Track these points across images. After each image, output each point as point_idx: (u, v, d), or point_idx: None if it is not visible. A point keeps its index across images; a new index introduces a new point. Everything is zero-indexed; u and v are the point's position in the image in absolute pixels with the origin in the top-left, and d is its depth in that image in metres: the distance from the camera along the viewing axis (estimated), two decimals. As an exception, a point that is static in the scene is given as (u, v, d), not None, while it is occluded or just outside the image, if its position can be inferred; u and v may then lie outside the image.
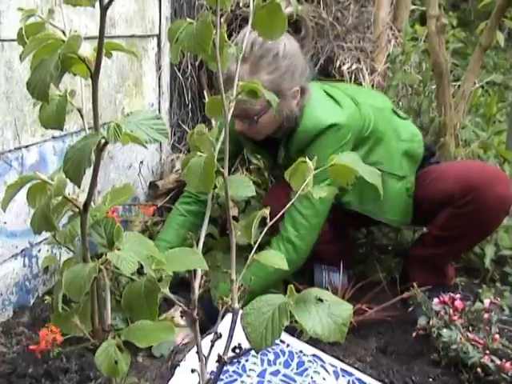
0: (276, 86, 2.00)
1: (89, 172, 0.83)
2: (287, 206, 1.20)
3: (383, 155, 2.25)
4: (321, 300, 0.90)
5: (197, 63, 3.32)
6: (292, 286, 0.91)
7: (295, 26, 3.26)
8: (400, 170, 2.29)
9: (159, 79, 3.15)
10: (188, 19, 0.99)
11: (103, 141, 0.80)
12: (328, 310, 0.89)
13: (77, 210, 0.92)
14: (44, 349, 1.85)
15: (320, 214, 2.15)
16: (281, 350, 1.93)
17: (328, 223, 2.31)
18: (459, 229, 2.20)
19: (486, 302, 2.11)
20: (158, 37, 3.09)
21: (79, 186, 0.81)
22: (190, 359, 1.82)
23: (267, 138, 2.21)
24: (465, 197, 2.15)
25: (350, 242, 2.71)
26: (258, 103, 2.01)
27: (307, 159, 1.21)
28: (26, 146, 2.17)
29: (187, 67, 3.31)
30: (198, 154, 1.04)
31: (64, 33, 0.90)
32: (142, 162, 3.03)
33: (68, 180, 0.86)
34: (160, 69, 3.13)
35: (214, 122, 3.13)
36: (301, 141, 2.16)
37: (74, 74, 0.95)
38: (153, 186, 3.04)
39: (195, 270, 1.13)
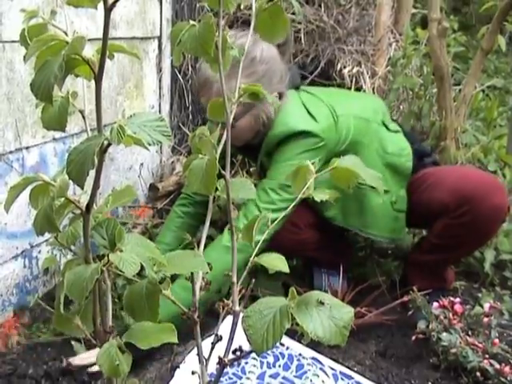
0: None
1: (90, 173, 0.83)
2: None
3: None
4: (322, 303, 0.90)
5: (197, 65, 3.32)
6: (293, 288, 0.91)
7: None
8: (384, 183, 2.23)
9: (160, 81, 3.15)
10: (190, 21, 0.99)
11: (106, 142, 0.80)
12: (329, 312, 0.89)
13: (79, 211, 0.92)
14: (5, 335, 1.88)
15: (278, 211, 2.01)
16: (280, 353, 1.93)
17: (320, 230, 2.31)
18: (456, 238, 2.19)
19: (486, 306, 2.11)
20: (159, 39, 3.10)
21: (82, 188, 0.81)
22: (190, 361, 1.82)
23: (247, 145, 2.20)
24: (460, 208, 2.14)
25: (349, 244, 2.70)
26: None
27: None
28: (27, 148, 2.17)
29: (188, 69, 3.32)
30: (200, 156, 1.04)
31: (66, 34, 0.90)
32: (142, 164, 3.03)
33: (70, 182, 0.86)
34: (161, 71, 3.14)
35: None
36: (269, 146, 2.15)
37: (76, 76, 0.96)
38: (153, 188, 3.05)
39: (196, 272, 1.13)
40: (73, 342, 1.91)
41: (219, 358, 1.04)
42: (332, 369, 1.89)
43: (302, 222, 2.23)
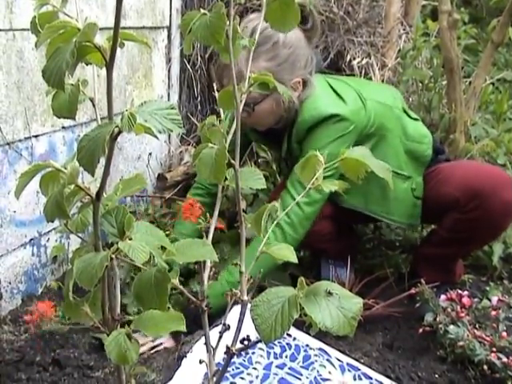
0: (274, 74, 1.96)
1: (100, 162, 0.83)
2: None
3: (388, 153, 2.21)
4: (331, 293, 0.90)
5: (206, 55, 3.32)
6: (303, 278, 0.91)
7: (302, 16, 3.24)
8: (406, 169, 2.26)
9: (169, 71, 3.15)
10: (201, 10, 0.99)
11: (117, 130, 0.80)
12: (338, 303, 0.88)
13: (88, 199, 0.92)
14: (36, 320, 1.87)
15: (315, 204, 2.10)
16: (287, 344, 1.93)
17: (333, 221, 2.30)
18: (466, 233, 2.19)
19: (494, 299, 2.11)
20: (169, 29, 3.09)
21: (93, 175, 0.81)
22: (197, 350, 1.82)
23: (271, 130, 2.19)
24: (469, 203, 2.13)
25: (356, 236, 2.70)
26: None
27: (317, 153, 1.20)
28: (36, 136, 2.18)
29: (197, 59, 3.31)
30: (210, 145, 1.04)
31: (77, 22, 0.90)
32: (150, 154, 3.04)
33: (80, 169, 0.86)
34: (170, 61, 3.14)
35: (223, 115, 3.13)
36: (300, 132, 2.14)
37: (86, 64, 0.96)
38: (161, 177, 3.05)
39: (204, 262, 1.13)
40: None
41: (227, 348, 1.04)
42: (339, 360, 1.90)
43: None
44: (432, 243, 2.35)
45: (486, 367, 1.89)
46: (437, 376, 1.94)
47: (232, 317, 1.10)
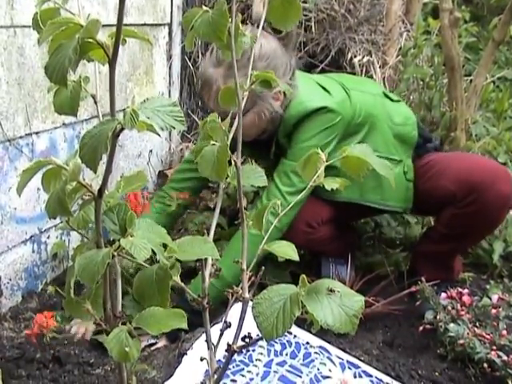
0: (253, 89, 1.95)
1: (102, 158, 0.83)
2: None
3: (379, 141, 2.22)
4: (332, 291, 0.90)
5: (207, 53, 3.31)
6: (304, 276, 0.91)
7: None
8: (396, 153, 2.26)
9: (170, 68, 3.15)
10: (203, 7, 0.99)
11: (119, 127, 0.80)
12: (339, 301, 0.88)
13: (90, 196, 0.92)
14: (37, 333, 1.86)
15: (298, 194, 2.06)
16: (288, 341, 1.93)
17: (332, 224, 2.30)
18: (463, 227, 2.19)
19: (494, 297, 2.11)
20: (170, 26, 3.09)
21: (95, 172, 0.81)
22: (198, 348, 1.82)
23: (257, 141, 2.19)
24: (466, 197, 2.13)
25: (356, 233, 2.70)
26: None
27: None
28: (37, 133, 2.17)
29: (198, 57, 3.31)
30: (212, 142, 1.04)
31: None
32: (151, 151, 3.04)
33: (82, 166, 0.86)
34: (171, 58, 3.13)
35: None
36: (287, 127, 2.14)
37: (88, 61, 0.95)
38: (162, 175, 3.05)
39: (206, 259, 1.13)
40: None
41: (228, 345, 1.04)
42: (339, 358, 1.90)
43: (316, 220, 2.22)
44: (430, 240, 2.35)
45: (486, 365, 1.89)
46: (437, 374, 1.94)
47: (233, 314, 1.10)
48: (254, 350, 1.88)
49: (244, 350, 1.82)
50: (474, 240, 2.40)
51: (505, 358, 1.88)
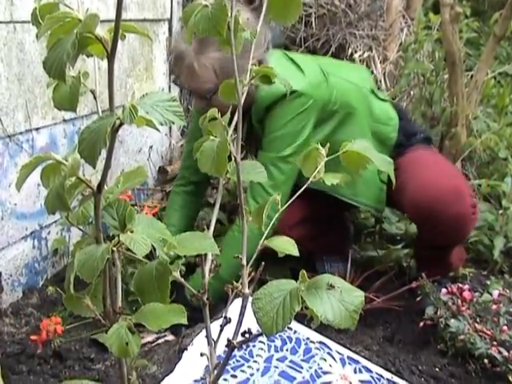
0: (227, 62, 1.90)
1: (101, 154, 0.83)
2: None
3: (354, 133, 2.13)
4: (332, 286, 0.89)
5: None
6: (304, 271, 0.91)
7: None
8: None
9: (170, 64, 3.14)
10: (203, 1, 0.99)
11: (118, 122, 0.79)
12: (339, 296, 0.88)
13: (90, 191, 0.92)
14: (45, 339, 1.86)
15: (280, 185, 2.05)
16: (288, 337, 1.93)
17: (306, 223, 2.30)
18: (437, 241, 2.18)
19: (495, 293, 2.11)
20: (170, 21, 3.09)
21: (94, 167, 0.81)
22: (198, 343, 1.82)
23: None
24: (425, 224, 2.12)
25: (347, 228, 2.67)
26: (208, 82, 1.97)
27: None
28: (37, 129, 2.17)
29: (198, 52, 3.30)
30: (211, 138, 1.03)
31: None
32: (151, 147, 3.03)
33: (81, 161, 0.86)
34: (171, 53, 3.12)
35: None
36: (259, 110, 2.10)
37: (87, 56, 0.95)
38: (162, 170, 3.05)
39: (205, 255, 1.13)
40: None
41: (228, 340, 1.04)
42: (339, 353, 1.90)
43: (287, 224, 2.11)
44: (420, 244, 2.34)
45: (486, 361, 1.89)
46: (437, 370, 1.94)
47: (233, 310, 1.10)
48: (254, 346, 1.88)
49: (244, 346, 1.83)
50: (456, 244, 2.37)
51: (505, 353, 1.88)
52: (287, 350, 1.89)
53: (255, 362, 1.82)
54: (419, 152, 2.31)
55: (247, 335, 1.03)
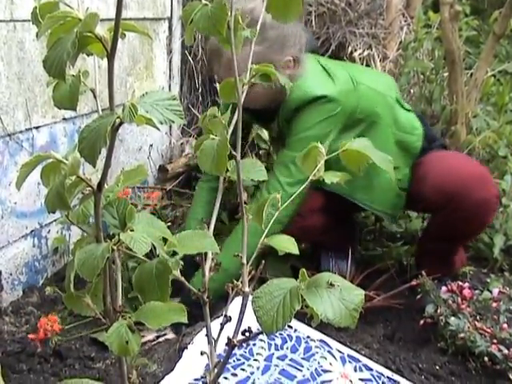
0: (265, 57, 1.89)
1: (101, 153, 0.83)
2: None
3: (377, 141, 2.11)
4: (332, 285, 0.89)
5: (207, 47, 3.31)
6: (304, 270, 0.91)
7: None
8: (393, 159, 2.21)
9: (170, 62, 3.14)
10: (203, 0, 0.99)
11: (118, 121, 0.79)
12: (339, 294, 0.88)
13: (90, 190, 0.92)
14: (43, 338, 1.86)
15: (298, 184, 2.04)
16: (288, 335, 1.94)
17: (325, 213, 2.29)
18: (454, 230, 2.18)
19: (495, 291, 2.11)
20: (170, 20, 3.08)
21: (94, 166, 0.81)
22: (198, 342, 1.83)
23: (264, 109, 2.17)
24: (447, 206, 2.12)
25: (355, 226, 2.69)
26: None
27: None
28: (37, 127, 2.17)
29: (198, 51, 3.30)
30: (211, 136, 1.03)
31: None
32: (151, 146, 3.03)
33: (81, 160, 0.86)
34: (171, 52, 3.13)
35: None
36: (287, 111, 2.12)
37: (87, 55, 0.95)
38: (162, 169, 3.05)
39: (206, 253, 1.13)
40: None
41: (228, 339, 1.04)
42: (340, 352, 1.90)
43: (304, 208, 2.19)
44: (428, 237, 2.35)
45: (486, 359, 1.90)
46: (437, 368, 1.94)
47: (233, 308, 1.10)
48: (254, 344, 1.88)
49: (245, 344, 1.83)
50: (469, 239, 2.40)
51: (505, 351, 1.88)
52: (287, 348, 1.89)
53: (256, 360, 1.83)
54: (441, 151, 2.37)
55: (247, 334, 1.04)
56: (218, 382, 1.07)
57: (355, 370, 1.83)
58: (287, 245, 1.11)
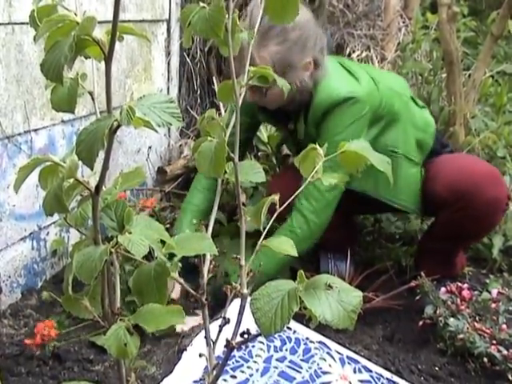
0: (285, 57, 1.97)
1: (99, 155, 0.83)
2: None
3: (399, 137, 2.22)
4: (331, 286, 0.90)
5: (206, 49, 3.31)
6: (302, 271, 0.91)
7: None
8: (415, 156, 2.26)
9: (168, 64, 3.14)
10: (201, 3, 0.99)
11: (116, 123, 0.80)
12: (338, 296, 0.88)
13: (87, 193, 0.92)
14: (39, 343, 1.86)
15: (335, 189, 2.10)
16: (287, 337, 1.94)
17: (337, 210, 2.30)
18: (460, 229, 2.19)
19: (494, 292, 2.11)
20: (168, 22, 3.08)
21: (92, 169, 0.81)
22: (197, 344, 1.82)
23: (281, 110, 2.18)
24: (458, 202, 2.13)
25: (356, 228, 2.70)
26: None
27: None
28: (36, 130, 2.17)
29: (196, 53, 3.30)
30: (209, 138, 1.03)
31: (76, 15, 0.90)
32: (150, 148, 3.03)
33: (79, 163, 0.86)
34: (169, 54, 3.13)
35: (222, 108, 3.13)
36: (316, 115, 2.13)
37: (85, 58, 0.95)
38: (161, 171, 3.05)
39: (204, 255, 1.13)
40: None
41: (227, 341, 1.04)
42: (339, 353, 1.90)
43: None
44: (431, 237, 2.35)
45: (486, 360, 1.90)
46: (437, 369, 1.94)
47: (232, 310, 1.10)
48: (253, 346, 1.88)
49: (244, 346, 1.83)
50: (473, 240, 2.42)
51: (505, 352, 1.88)
52: (286, 350, 1.89)
53: (255, 362, 1.83)
54: (453, 154, 2.42)
55: (246, 336, 1.04)
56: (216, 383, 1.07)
57: (354, 372, 1.83)
58: (285, 246, 1.10)
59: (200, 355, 1.13)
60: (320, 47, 2.09)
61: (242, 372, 1.78)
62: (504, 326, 1.96)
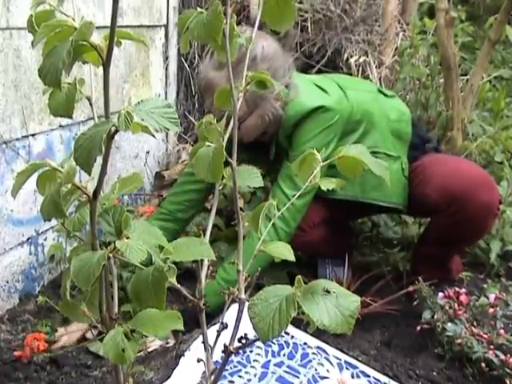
0: (256, 94, 1.99)
1: (97, 161, 0.83)
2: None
3: (377, 137, 2.23)
4: (328, 291, 0.90)
5: (204, 54, 3.31)
6: (300, 277, 0.91)
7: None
8: (394, 150, 2.27)
9: (166, 70, 3.15)
10: (198, 9, 0.99)
11: (114, 129, 0.80)
12: (335, 301, 0.88)
13: (85, 198, 0.92)
14: (28, 355, 1.86)
15: (305, 196, 2.10)
16: (285, 342, 1.93)
17: (325, 226, 2.30)
18: (453, 234, 2.20)
19: (491, 296, 2.11)
20: (166, 27, 3.09)
21: (90, 174, 0.81)
22: (195, 349, 1.82)
23: (256, 143, 2.20)
24: (450, 207, 2.14)
25: (352, 233, 2.70)
26: (239, 110, 2.00)
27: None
28: (33, 135, 2.17)
29: (194, 58, 3.31)
30: (207, 143, 1.04)
31: (74, 21, 0.90)
32: (148, 152, 3.04)
33: (77, 168, 0.86)
34: (167, 59, 3.13)
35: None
36: (287, 128, 2.15)
37: (83, 63, 0.95)
38: (159, 176, 3.05)
39: (202, 260, 1.13)
40: None
41: (225, 346, 1.04)
42: (337, 358, 1.89)
43: (307, 223, 2.24)
44: (426, 242, 2.36)
45: (483, 365, 1.89)
46: (435, 374, 1.94)
47: (230, 315, 1.10)
48: (251, 351, 1.87)
49: (241, 351, 1.83)
50: (467, 244, 2.43)
51: (502, 357, 1.88)
52: (284, 355, 1.89)
53: (252, 367, 1.82)
54: (440, 154, 2.43)
55: (244, 341, 1.04)
56: (214, 389, 1.06)
57: (352, 377, 1.83)
58: (283, 252, 1.11)
59: (198, 360, 1.13)
60: (289, 74, 2.13)
61: (240, 377, 1.78)
62: (502, 331, 1.96)
